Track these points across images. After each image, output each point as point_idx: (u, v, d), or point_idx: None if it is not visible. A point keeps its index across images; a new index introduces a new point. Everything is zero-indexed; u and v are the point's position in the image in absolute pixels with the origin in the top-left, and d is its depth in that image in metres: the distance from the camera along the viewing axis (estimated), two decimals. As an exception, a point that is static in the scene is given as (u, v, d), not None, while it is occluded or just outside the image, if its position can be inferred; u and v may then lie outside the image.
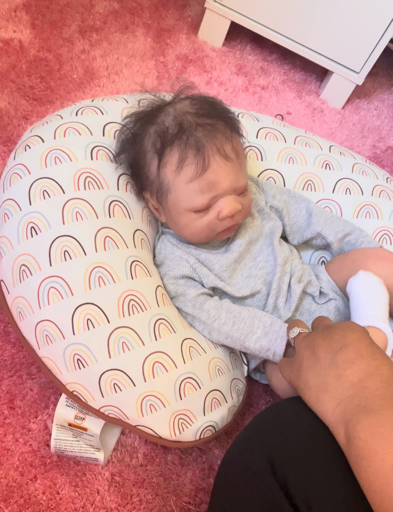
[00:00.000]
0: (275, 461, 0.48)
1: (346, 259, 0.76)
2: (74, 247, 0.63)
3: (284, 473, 0.47)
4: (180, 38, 1.32)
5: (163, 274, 0.72)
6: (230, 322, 0.68)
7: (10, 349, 0.76)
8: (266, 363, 0.75)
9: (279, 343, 0.66)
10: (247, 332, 0.68)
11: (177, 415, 0.63)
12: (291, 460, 0.47)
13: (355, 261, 0.73)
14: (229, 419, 0.69)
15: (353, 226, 0.80)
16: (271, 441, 0.50)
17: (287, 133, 0.87)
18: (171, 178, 0.67)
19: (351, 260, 0.74)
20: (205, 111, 0.68)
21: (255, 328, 0.68)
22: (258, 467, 0.48)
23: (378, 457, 0.41)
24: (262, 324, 0.68)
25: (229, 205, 0.66)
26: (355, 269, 0.71)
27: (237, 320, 0.68)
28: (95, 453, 0.67)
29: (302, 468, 0.47)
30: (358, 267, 0.71)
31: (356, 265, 0.72)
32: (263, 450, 0.49)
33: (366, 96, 1.39)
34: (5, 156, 0.96)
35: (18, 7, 1.21)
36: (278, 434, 0.50)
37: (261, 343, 0.67)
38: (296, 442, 0.48)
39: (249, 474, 0.49)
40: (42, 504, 0.66)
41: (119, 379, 0.61)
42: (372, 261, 0.71)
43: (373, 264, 0.71)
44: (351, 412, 0.45)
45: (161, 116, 0.69)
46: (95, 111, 0.75)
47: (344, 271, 0.74)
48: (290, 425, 0.50)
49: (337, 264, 0.76)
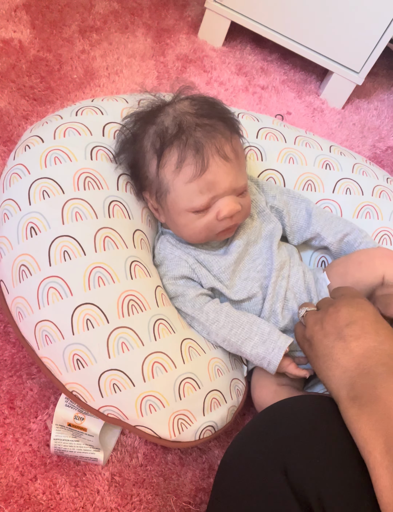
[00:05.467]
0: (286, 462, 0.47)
1: (351, 260, 0.75)
2: (74, 247, 0.62)
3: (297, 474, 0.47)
4: (180, 38, 1.32)
5: (163, 274, 0.72)
6: (228, 326, 0.68)
7: (10, 349, 0.76)
8: (253, 372, 0.75)
9: (276, 353, 0.66)
10: (244, 338, 0.68)
11: (176, 415, 0.63)
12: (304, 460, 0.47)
13: (361, 262, 0.73)
14: (229, 419, 0.69)
15: (352, 226, 0.80)
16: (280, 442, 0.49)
17: (287, 133, 0.87)
18: (170, 178, 0.67)
19: (357, 262, 0.73)
20: (204, 112, 0.68)
21: (253, 335, 0.67)
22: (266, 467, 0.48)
23: (380, 406, 0.45)
24: (260, 331, 0.67)
25: (228, 206, 0.66)
26: (362, 272, 0.71)
27: (235, 324, 0.68)
28: (94, 453, 0.67)
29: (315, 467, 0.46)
30: (365, 267, 0.71)
31: (363, 266, 0.72)
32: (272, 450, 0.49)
33: (366, 96, 1.39)
34: (5, 156, 0.96)
35: (18, 7, 1.21)
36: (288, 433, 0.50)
37: (257, 350, 0.67)
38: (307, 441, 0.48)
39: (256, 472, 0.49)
40: (42, 504, 0.66)
41: (119, 379, 0.60)
42: (379, 261, 0.71)
43: (381, 263, 0.71)
44: (355, 376, 0.50)
45: (161, 117, 0.69)
46: (95, 111, 0.75)
47: (351, 274, 0.73)
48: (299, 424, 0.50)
49: (341, 267, 0.75)
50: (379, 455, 0.43)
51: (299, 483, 0.46)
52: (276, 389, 0.70)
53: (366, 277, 0.71)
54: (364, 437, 0.45)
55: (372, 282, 0.70)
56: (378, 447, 0.43)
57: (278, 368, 0.67)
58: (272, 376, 0.70)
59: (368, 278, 0.71)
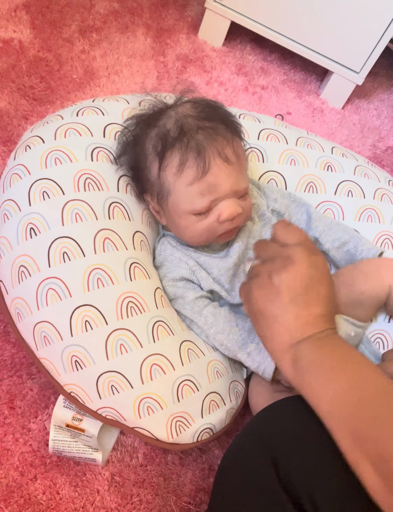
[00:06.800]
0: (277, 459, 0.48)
1: (357, 270, 0.73)
2: (73, 249, 0.63)
3: (287, 469, 0.47)
4: (180, 38, 1.32)
5: (163, 276, 0.72)
6: (226, 331, 0.68)
7: (10, 349, 0.76)
8: (251, 378, 0.75)
9: (270, 362, 0.66)
10: (241, 344, 0.68)
11: (175, 417, 0.63)
12: (293, 455, 0.48)
13: (367, 273, 0.72)
14: (227, 422, 0.69)
15: (351, 233, 0.79)
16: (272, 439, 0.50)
17: (288, 134, 0.87)
18: (171, 181, 0.67)
19: (363, 272, 0.72)
20: (206, 115, 0.68)
21: (249, 342, 0.67)
22: (259, 466, 0.49)
23: (319, 372, 0.47)
24: (257, 339, 0.67)
25: (229, 208, 0.66)
26: (368, 283, 0.70)
27: (233, 330, 0.68)
28: (93, 453, 0.68)
29: (304, 463, 0.47)
30: (371, 278, 0.70)
31: (369, 277, 0.71)
32: (263, 447, 0.49)
33: (366, 96, 1.38)
34: (5, 156, 0.96)
35: (18, 7, 1.21)
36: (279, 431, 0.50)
37: (253, 357, 0.67)
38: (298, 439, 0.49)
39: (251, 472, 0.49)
40: (42, 504, 0.66)
41: (117, 381, 0.61)
42: (385, 272, 0.70)
43: (387, 274, 0.70)
44: (301, 342, 0.50)
45: (162, 119, 0.69)
46: (96, 112, 0.75)
47: (356, 285, 0.71)
48: (289, 421, 0.51)
49: (348, 277, 0.73)
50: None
51: (288, 478, 0.46)
52: (272, 395, 0.70)
53: (373, 288, 0.70)
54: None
55: (379, 293, 0.70)
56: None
57: (273, 375, 0.67)
58: (268, 382, 0.69)
59: (375, 289, 0.70)
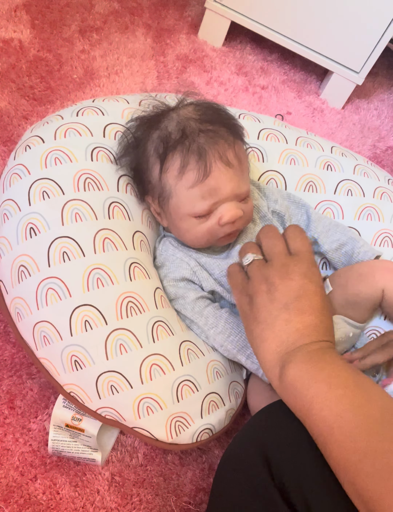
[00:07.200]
0: (271, 460, 0.48)
1: (352, 271, 0.73)
2: (73, 248, 0.62)
3: (281, 472, 0.47)
4: (180, 38, 1.32)
5: (164, 276, 0.72)
6: (226, 332, 0.68)
7: (10, 349, 0.76)
8: (250, 378, 0.74)
9: None
10: (241, 346, 0.68)
11: (174, 417, 0.63)
12: (287, 458, 0.48)
13: (361, 275, 0.71)
14: (227, 422, 0.69)
15: (349, 235, 0.78)
16: (266, 440, 0.50)
17: (288, 134, 0.87)
18: (173, 183, 0.67)
19: (357, 273, 0.72)
20: (208, 118, 0.68)
21: (249, 344, 0.67)
22: (254, 467, 0.49)
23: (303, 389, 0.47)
24: None
25: (229, 211, 0.66)
26: (362, 284, 0.70)
27: (233, 332, 0.68)
28: (92, 453, 0.68)
29: (298, 466, 0.47)
30: (365, 280, 0.70)
31: (363, 279, 0.71)
32: (259, 449, 0.50)
33: (366, 96, 1.38)
34: (5, 156, 0.96)
35: (18, 7, 1.21)
36: (274, 433, 0.51)
37: (252, 360, 0.67)
38: (292, 440, 0.49)
39: (245, 473, 0.50)
40: (42, 504, 0.66)
41: (117, 381, 0.61)
42: (379, 274, 0.70)
43: (381, 277, 0.70)
44: (290, 354, 0.50)
45: (164, 122, 0.69)
46: (96, 112, 0.75)
47: (350, 285, 0.71)
48: (285, 424, 0.51)
49: (343, 278, 0.74)
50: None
51: (282, 480, 0.47)
52: (271, 394, 0.70)
53: (366, 290, 0.70)
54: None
55: (372, 295, 0.70)
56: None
57: None
58: (266, 383, 0.69)
59: (368, 291, 0.70)
